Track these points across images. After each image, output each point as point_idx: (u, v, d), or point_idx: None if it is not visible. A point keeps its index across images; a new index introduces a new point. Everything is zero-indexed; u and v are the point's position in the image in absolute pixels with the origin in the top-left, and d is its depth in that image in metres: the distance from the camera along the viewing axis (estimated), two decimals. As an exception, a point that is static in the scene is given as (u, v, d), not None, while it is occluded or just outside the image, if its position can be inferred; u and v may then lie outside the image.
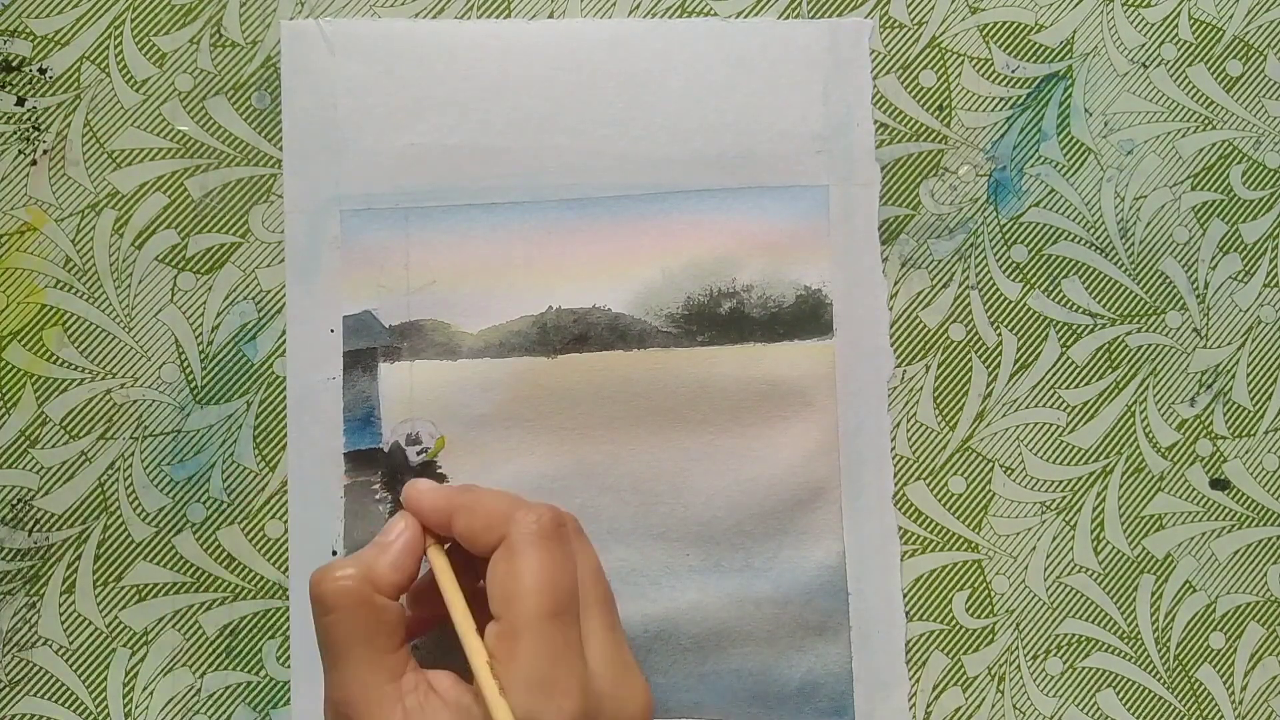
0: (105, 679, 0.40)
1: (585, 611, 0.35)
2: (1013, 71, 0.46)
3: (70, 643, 0.40)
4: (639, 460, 0.42)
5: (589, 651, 0.34)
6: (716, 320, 0.43)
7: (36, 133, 0.42)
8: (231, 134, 0.43)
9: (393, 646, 0.34)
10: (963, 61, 0.46)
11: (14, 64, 0.42)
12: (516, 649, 0.32)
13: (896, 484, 0.44)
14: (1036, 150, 0.46)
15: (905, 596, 0.43)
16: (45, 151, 0.42)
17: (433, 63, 0.43)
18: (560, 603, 0.33)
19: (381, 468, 0.41)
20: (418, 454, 0.42)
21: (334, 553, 0.41)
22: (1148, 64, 0.46)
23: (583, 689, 0.32)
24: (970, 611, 0.43)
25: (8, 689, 0.40)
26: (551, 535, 0.34)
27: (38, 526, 0.41)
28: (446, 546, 0.36)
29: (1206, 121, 0.46)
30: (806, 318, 0.43)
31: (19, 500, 0.41)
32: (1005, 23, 0.46)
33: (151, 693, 0.41)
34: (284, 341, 0.42)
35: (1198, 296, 0.46)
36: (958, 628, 0.43)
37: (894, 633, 0.43)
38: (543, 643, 0.32)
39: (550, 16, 0.44)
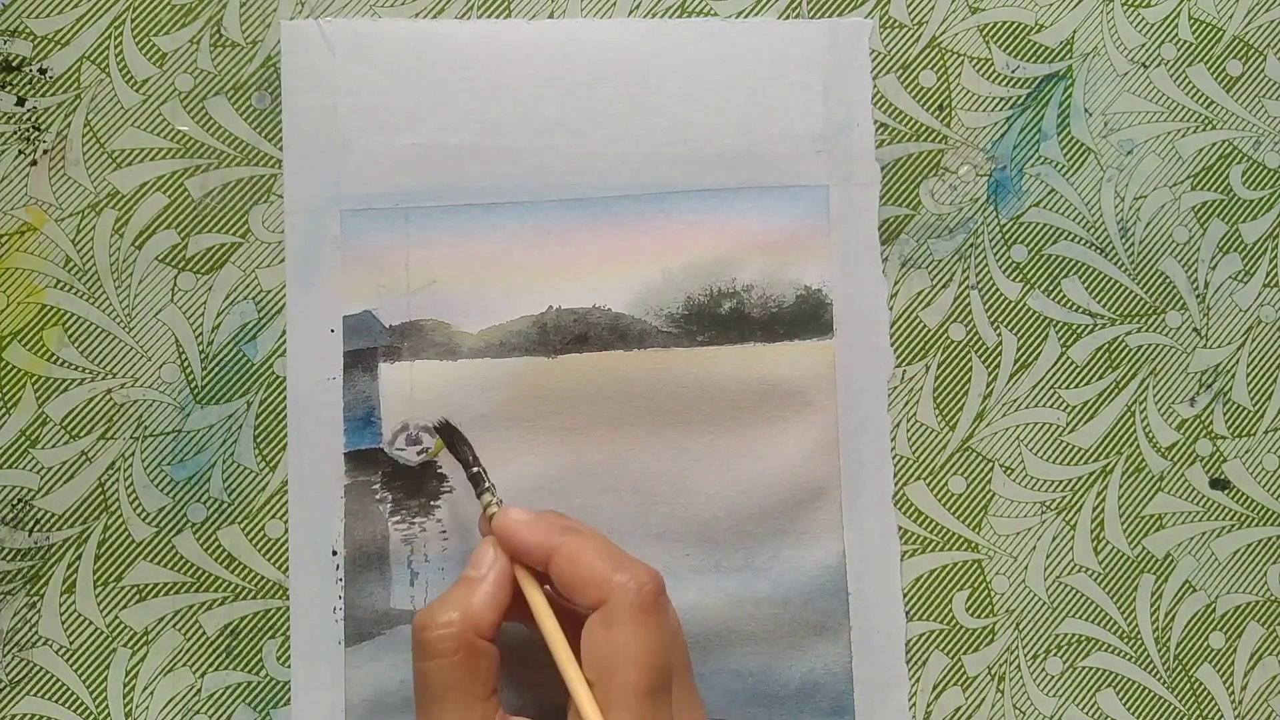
0: (105, 679, 0.40)
1: (674, 679, 0.34)
2: (1013, 71, 0.46)
3: (70, 643, 0.40)
4: (639, 460, 0.42)
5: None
6: (716, 320, 0.43)
7: (36, 133, 0.42)
8: (231, 134, 0.43)
9: (486, 693, 0.34)
10: (963, 61, 0.46)
11: (14, 64, 0.42)
12: None
13: (896, 484, 0.44)
14: (1036, 150, 0.46)
15: (905, 596, 0.43)
16: (45, 151, 0.42)
17: (433, 63, 0.43)
18: (657, 680, 0.33)
19: (381, 468, 0.41)
20: (418, 454, 0.42)
21: (334, 553, 0.41)
22: (1148, 64, 0.46)
23: None
24: (970, 611, 0.43)
25: (8, 689, 0.40)
26: (651, 607, 0.33)
27: (38, 526, 0.41)
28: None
29: (1206, 121, 0.46)
30: (806, 318, 0.43)
31: (19, 500, 0.41)
32: (1005, 23, 0.46)
33: (151, 693, 0.41)
34: (284, 341, 0.42)
35: (1198, 296, 0.46)
36: (958, 628, 0.43)
37: (894, 633, 0.43)
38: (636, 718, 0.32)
39: (550, 16, 0.44)
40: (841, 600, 0.42)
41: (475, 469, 0.39)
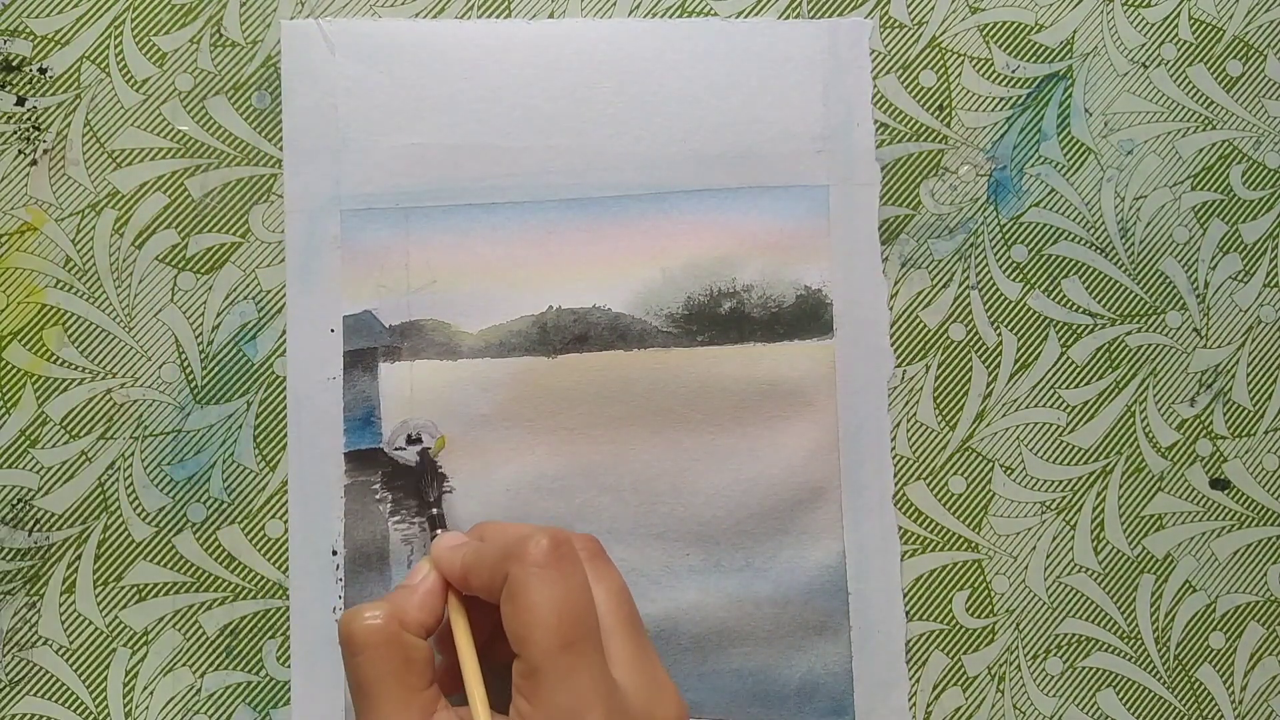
0: (105, 679, 0.40)
1: (609, 633, 0.34)
2: (1013, 71, 0.46)
3: (70, 643, 0.40)
4: (639, 460, 0.42)
5: (617, 673, 0.33)
6: (716, 320, 0.43)
7: (36, 133, 0.42)
8: (231, 134, 0.43)
9: (423, 685, 0.34)
10: (963, 61, 0.46)
11: (14, 64, 0.42)
12: (538, 687, 0.32)
13: (896, 484, 0.44)
14: (1036, 150, 0.46)
15: (905, 596, 0.43)
16: (45, 151, 0.42)
17: (433, 63, 0.43)
18: (573, 632, 0.33)
19: (381, 468, 0.41)
20: (418, 454, 0.42)
21: (334, 552, 0.41)
22: (1148, 64, 0.46)
23: (610, 713, 0.32)
24: (970, 611, 0.43)
25: (8, 689, 0.40)
26: (551, 563, 0.33)
27: (38, 526, 0.41)
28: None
29: (1206, 121, 0.46)
30: (806, 318, 0.43)
31: (19, 500, 0.41)
32: (1005, 23, 0.46)
33: (151, 693, 0.41)
34: (284, 341, 0.42)
35: (1198, 296, 0.46)
36: (958, 628, 0.43)
37: (894, 633, 0.43)
38: (561, 676, 0.32)
39: (550, 16, 0.44)
40: (841, 600, 0.42)
41: (435, 510, 0.40)
